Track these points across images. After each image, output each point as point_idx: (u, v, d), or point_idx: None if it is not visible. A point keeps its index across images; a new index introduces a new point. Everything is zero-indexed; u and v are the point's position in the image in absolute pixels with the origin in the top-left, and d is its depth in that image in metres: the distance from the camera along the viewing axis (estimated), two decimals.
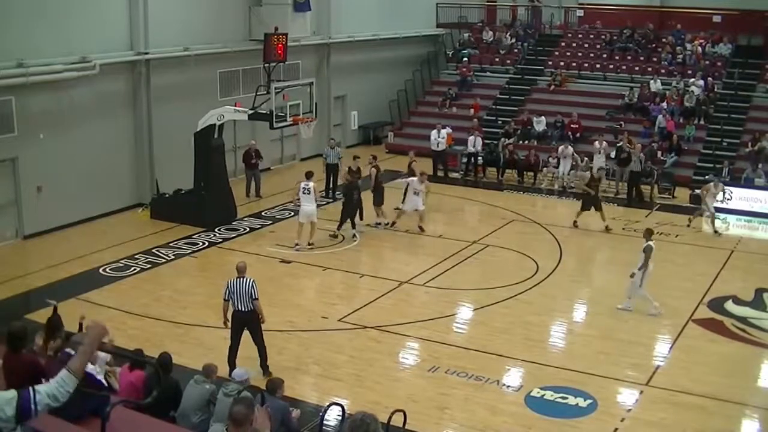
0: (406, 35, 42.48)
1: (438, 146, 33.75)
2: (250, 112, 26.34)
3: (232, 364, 16.01)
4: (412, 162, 28.83)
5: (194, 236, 25.58)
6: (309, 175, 24.87)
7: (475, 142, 33.71)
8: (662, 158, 32.77)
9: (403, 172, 29.63)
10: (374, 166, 27.25)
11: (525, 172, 33.37)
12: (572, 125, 35.78)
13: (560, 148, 32.35)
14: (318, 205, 25.30)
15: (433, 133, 33.87)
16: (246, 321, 16.27)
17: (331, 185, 30.28)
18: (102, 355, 13.02)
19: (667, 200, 30.81)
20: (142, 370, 12.91)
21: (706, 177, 29.87)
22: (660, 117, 34.66)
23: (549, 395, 16.13)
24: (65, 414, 8.02)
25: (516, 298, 21.21)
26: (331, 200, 29.48)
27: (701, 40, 38.97)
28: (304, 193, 24.41)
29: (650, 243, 20.24)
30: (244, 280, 16.19)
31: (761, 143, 32.04)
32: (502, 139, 34.78)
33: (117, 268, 22.77)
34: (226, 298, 16.25)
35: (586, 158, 31.35)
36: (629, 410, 15.78)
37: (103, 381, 9.99)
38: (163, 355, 12.89)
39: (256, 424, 8.06)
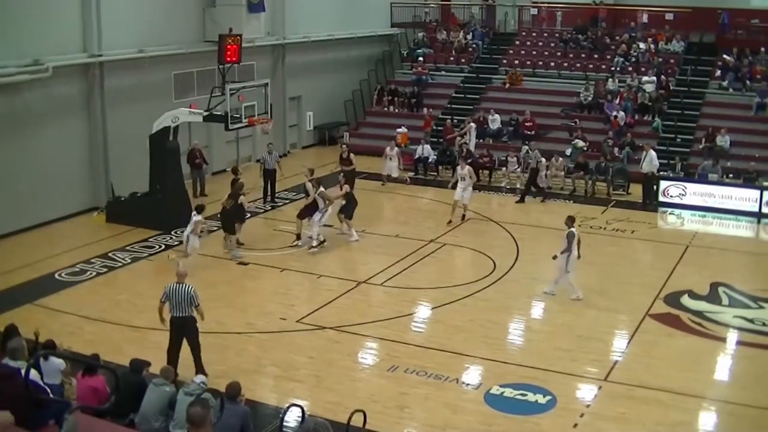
0: (361, 35, 42.52)
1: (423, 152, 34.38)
2: (205, 113, 26.23)
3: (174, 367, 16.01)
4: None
5: (151, 239, 25.39)
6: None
7: (424, 150, 34.31)
8: (618, 155, 33.00)
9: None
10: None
11: (480, 171, 33.40)
12: (526, 123, 35.94)
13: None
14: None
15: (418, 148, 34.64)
16: (183, 326, 16.22)
17: (269, 191, 29.85)
18: (57, 362, 12.91)
19: (622, 197, 31.01)
20: (99, 375, 12.80)
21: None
22: (621, 114, 34.91)
23: (508, 392, 16.20)
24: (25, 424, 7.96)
25: (474, 296, 21.27)
26: (269, 207, 29.30)
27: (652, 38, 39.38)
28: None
29: (572, 230, 20.91)
30: (183, 286, 16.18)
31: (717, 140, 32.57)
32: (457, 138, 34.86)
33: (73, 273, 22.55)
34: (163, 300, 16.27)
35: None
36: (588, 406, 15.89)
37: (47, 387, 9.87)
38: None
39: None
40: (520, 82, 39.30)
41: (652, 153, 30.35)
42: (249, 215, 26.29)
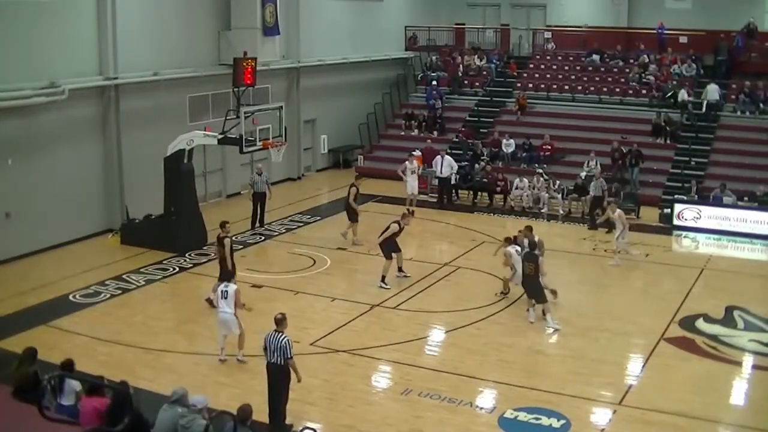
0: (376, 58, 42.68)
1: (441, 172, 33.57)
2: (220, 136, 26.31)
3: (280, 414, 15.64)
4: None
5: (165, 261, 25.43)
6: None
7: (443, 164, 33.44)
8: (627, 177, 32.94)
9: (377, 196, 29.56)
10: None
11: (495, 194, 33.37)
12: (545, 146, 35.87)
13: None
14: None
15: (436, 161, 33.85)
16: (277, 373, 15.68)
17: (258, 215, 29.26)
18: (73, 383, 12.93)
19: (633, 221, 30.78)
20: (103, 396, 12.72)
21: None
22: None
23: (522, 416, 16.13)
24: None
25: (488, 320, 21.23)
26: (259, 235, 28.70)
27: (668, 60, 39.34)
28: None
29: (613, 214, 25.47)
30: (279, 335, 15.57)
31: None
32: (479, 163, 34.73)
33: (87, 295, 22.60)
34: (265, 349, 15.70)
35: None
36: (602, 430, 15.81)
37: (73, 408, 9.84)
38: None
39: None
40: (525, 104, 39.15)
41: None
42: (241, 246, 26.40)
